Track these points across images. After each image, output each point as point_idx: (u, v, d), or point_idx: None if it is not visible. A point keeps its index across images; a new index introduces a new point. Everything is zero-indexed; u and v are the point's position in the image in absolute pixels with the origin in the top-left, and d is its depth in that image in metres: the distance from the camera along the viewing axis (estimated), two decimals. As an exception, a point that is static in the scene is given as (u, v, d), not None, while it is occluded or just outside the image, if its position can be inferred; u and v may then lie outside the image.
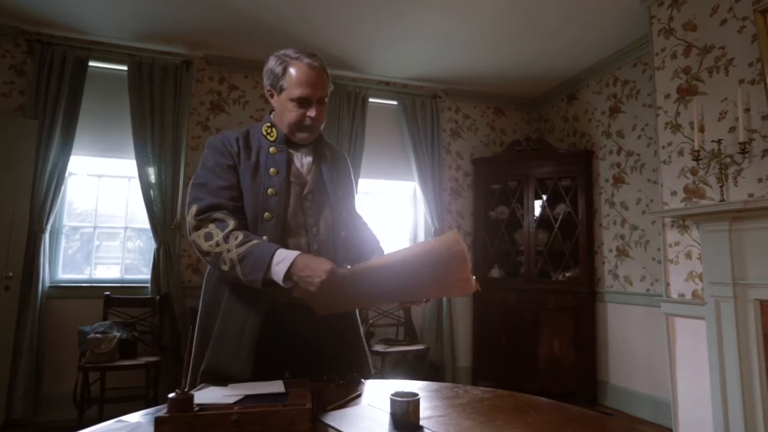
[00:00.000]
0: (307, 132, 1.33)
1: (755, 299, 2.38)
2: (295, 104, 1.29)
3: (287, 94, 1.30)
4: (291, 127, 1.32)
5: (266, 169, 1.29)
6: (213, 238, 1.17)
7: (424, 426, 0.84)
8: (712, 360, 2.54)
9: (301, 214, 1.32)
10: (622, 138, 3.85)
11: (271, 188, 1.27)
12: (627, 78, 3.83)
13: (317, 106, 1.31)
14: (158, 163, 3.67)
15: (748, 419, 2.36)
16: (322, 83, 1.31)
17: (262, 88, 4.15)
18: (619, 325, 3.80)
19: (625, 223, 3.80)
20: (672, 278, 2.91)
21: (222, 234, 1.17)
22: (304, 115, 1.29)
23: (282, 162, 1.32)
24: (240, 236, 1.16)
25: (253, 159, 1.30)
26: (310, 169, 1.37)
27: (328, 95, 1.33)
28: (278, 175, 1.29)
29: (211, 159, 1.30)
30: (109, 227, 3.87)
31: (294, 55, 1.30)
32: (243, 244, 1.14)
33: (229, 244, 1.15)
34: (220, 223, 1.19)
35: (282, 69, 1.30)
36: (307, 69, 1.28)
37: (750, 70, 2.50)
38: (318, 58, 1.31)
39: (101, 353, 2.86)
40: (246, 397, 0.98)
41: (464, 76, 4.40)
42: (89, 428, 0.89)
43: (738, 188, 2.53)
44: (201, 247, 1.19)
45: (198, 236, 1.20)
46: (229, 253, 1.14)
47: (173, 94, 3.77)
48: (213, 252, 1.17)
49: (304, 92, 1.28)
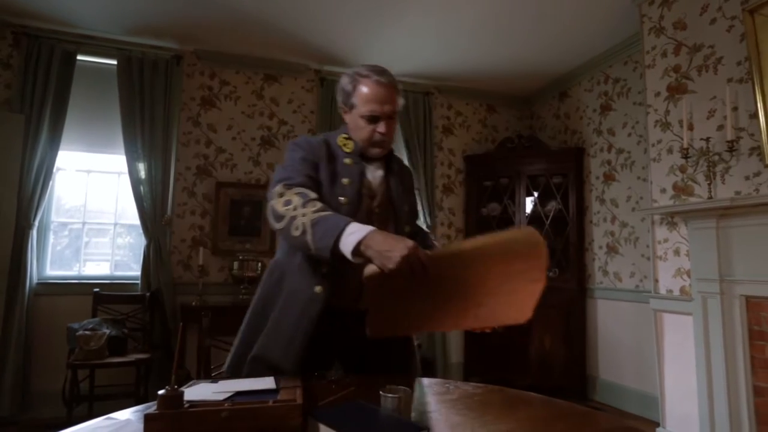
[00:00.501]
0: (378, 147, 1.38)
1: (741, 295, 2.41)
2: (365, 120, 1.33)
3: (358, 111, 1.35)
4: (364, 143, 1.37)
5: (340, 178, 1.34)
6: (291, 204, 1.19)
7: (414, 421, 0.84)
8: (698, 355, 2.58)
9: (366, 219, 1.35)
10: (613, 135, 3.88)
11: (344, 197, 1.32)
12: (618, 76, 3.86)
13: (386, 121, 1.34)
14: (148, 159, 3.63)
15: (733, 413, 2.40)
16: (391, 99, 1.34)
17: (253, 84, 4.17)
18: (608, 321, 3.84)
19: (615, 220, 3.84)
20: (660, 274, 2.95)
21: (302, 201, 1.19)
22: (374, 131, 1.34)
23: (356, 173, 1.36)
24: (318, 204, 1.18)
25: (331, 167, 1.35)
26: (381, 183, 1.42)
27: (397, 111, 1.37)
28: (351, 185, 1.34)
29: (300, 152, 1.34)
30: (98, 223, 3.83)
31: (364, 72, 1.34)
32: (319, 211, 1.15)
33: (306, 209, 1.16)
34: (302, 193, 1.21)
35: (352, 87, 1.35)
36: (375, 86, 1.32)
37: (738, 69, 2.53)
38: (387, 75, 1.35)
39: (90, 350, 2.83)
40: (236, 393, 0.98)
41: (457, 73, 4.40)
42: (78, 426, 0.88)
43: (725, 186, 2.56)
44: (277, 211, 1.20)
45: (277, 202, 1.22)
46: (303, 218, 1.14)
47: (163, 89, 3.73)
48: (288, 216, 1.17)
49: (372, 109, 1.32)
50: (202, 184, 3.93)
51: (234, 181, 4.00)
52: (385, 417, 0.88)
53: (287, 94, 4.24)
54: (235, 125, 4.06)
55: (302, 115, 4.27)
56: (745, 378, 2.38)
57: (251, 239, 3.98)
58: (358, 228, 1.09)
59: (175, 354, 0.87)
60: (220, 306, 3.58)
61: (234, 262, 3.73)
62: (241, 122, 4.08)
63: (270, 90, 4.20)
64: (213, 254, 3.87)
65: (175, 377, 0.87)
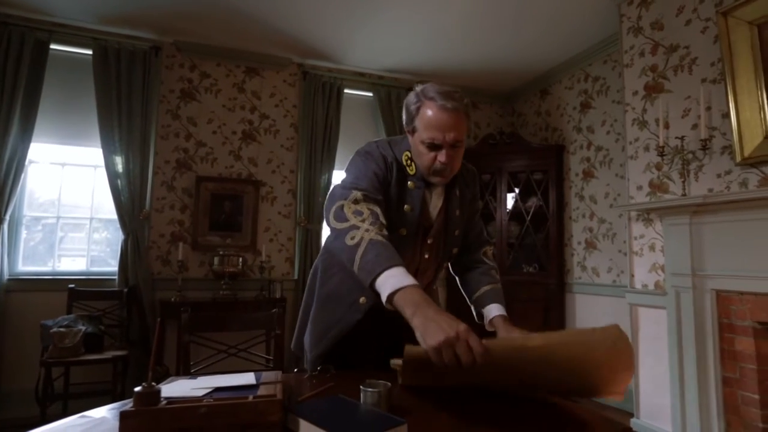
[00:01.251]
0: (439, 176, 1.28)
1: (712, 289, 2.49)
2: (426, 147, 1.23)
3: (419, 136, 1.24)
4: (424, 170, 1.28)
5: (402, 203, 1.29)
6: (362, 215, 1.13)
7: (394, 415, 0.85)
8: (671, 347, 2.66)
9: (418, 252, 1.36)
10: (592, 133, 3.95)
11: (404, 228, 1.28)
12: (597, 74, 3.93)
13: (449, 150, 1.22)
14: (126, 152, 3.55)
15: (703, 403, 2.49)
16: (456, 126, 1.21)
17: (234, 77, 4.11)
18: (586, 315, 3.92)
19: (593, 216, 3.91)
20: (636, 269, 3.02)
21: (372, 219, 1.12)
22: (434, 159, 1.24)
23: (418, 200, 1.30)
24: (385, 232, 1.11)
25: (399, 189, 1.29)
26: (440, 212, 1.36)
27: (464, 138, 1.25)
28: (412, 212, 1.29)
29: (374, 166, 1.27)
30: (73, 218, 3.73)
31: (430, 94, 1.22)
32: (382, 236, 1.08)
33: (372, 227, 1.09)
34: (375, 213, 1.15)
35: (416, 108, 1.24)
36: (439, 111, 1.19)
37: (712, 70, 2.60)
38: (454, 99, 1.20)
39: (65, 347, 2.76)
40: (216, 389, 0.97)
41: (439, 68, 4.41)
42: (50, 424, 0.86)
43: (699, 183, 2.63)
44: (345, 214, 1.14)
45: (348, 206, 1.15)
46: (366, 233, 1.07)
47: (141, 81, 3.64)
48: (352, 222, 1.11)
49: (434, 136, 1.21)
50: (181, 178, 3.86)
51: (215, 175, 3.95)
52: (364, 411, 0.88)
53: (269, 87, 4.19)
54: (216, 119, 4.00)
55: (284, 110, 4.23)
56: (714, 369, 2.47)
57: (232, 234, 3.93)
58: (403, 277, 0.99)
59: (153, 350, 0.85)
60: (201, 302, 3.53)
61: (214, 258, 3.68)
62: (221, 116, 4.02)
63: (251, 83, 4.14)
64: (193, 249, 3.81)
65: (153, 374, 0.86)
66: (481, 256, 1.50)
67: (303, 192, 4.10)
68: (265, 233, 4.06)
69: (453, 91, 1.22)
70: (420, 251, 1.36)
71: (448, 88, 1.22)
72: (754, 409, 2.27)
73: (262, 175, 4.11)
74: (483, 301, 1.38)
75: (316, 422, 0.80)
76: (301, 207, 4.10)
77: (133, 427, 0.76)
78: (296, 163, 4.19)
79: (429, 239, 1.35)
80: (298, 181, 4.14)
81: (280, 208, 4.14)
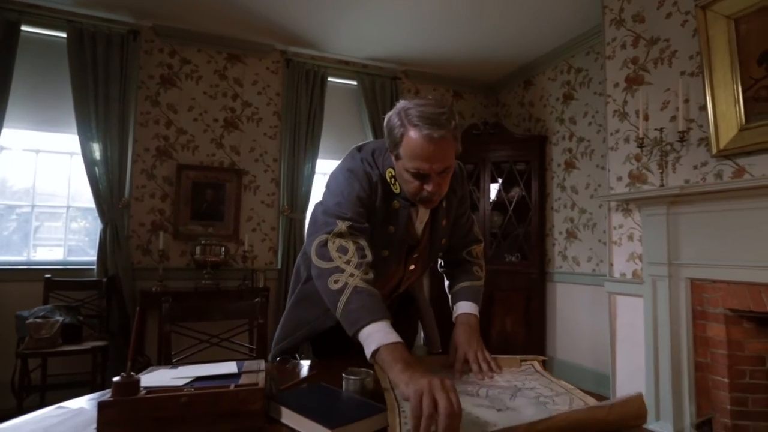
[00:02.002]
0: (425, 203, 1.21)
1: (686, 278, 2.56)
2: (411, 176, 1.14)
3: (403, 164, 1.14)
4: (410, 196, 1.20)
5: (386, 223, 1.24)
6: (347, 254, 1.08)
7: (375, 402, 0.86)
8: (647, 334, 2.73)
9: (402, 267, 1.34)
10: (574, 124, 4.00)
11: (387, 250, 1.25)
12: (580, 66, 3.96)
13: (436, 177, 1.13)
14: (103, 139, 3.46)
15: (675, 387, 2.57)
16: (443, 156, 1.10)
17: (216, 63, 4.02)
18: (566, 304, 4.00)
19: (574, 207, 3.97)
20: (615, 259, 3.08)
21: (357, 260, 1.07)
22: (421, 188, 1.14)
23: (402, 220, 1.25)
24: (370, 274, 1.07)
25: (383, 208, 1.23)
26: (425, 227, 1.31)
27: (452, 164, 1.15)
28: (395, 233, 1.25)
29: (357, 187, 1.19)
30: (49, 206, 3.63)
31: (415, 120, 1.09)
32: (367, 282, 1.04)
33: (357, 270, 1.05)
34: (361, 249, 1.11)
35: (400, 134, 1.12)
36: (425, 142, 1.07)
37: (690, 63, 2.64)
38: (440, 126, 1.07)
39: (41, 339, 2.71)
40: (196, 378, 0.97)
41: (424, 58, 4.39)
42: (26, 416, 0.85)
43: (676, 174, 2.69)
44: (328, 253, 1.09)
45: (332, 242, 1.10)
46: (351, 278, 1.04)
47: (119, 66, 3.54)
48: (336, 264, 1.07)
49: (418, 167, 1.11)
50: (162, 167, 3.79)
51: (196, 163, 3.88)
52: (346, 398, 0.89)
53: (252, 75, 4.12)
54: (197, 106, 3.92)
55: (267, 97, 4.17)
56: (687, 355, 2.55)
57: (214, 223, 3.89)
58: (384, 335, 0.96)
59: (132, 339, 0.84)
60: (182, 291, 3.49)
61: (196, 247, 3.64)
62: (203, 103, 3.94)
63: (233, 70, 4.06)
64: (174, 239, 3.76)
65: (132, 363, 0.85)
66: (464, 255, 1.47)
67: (286, 181, 4.07)
68: (247, 222, 4.02)
69: (440, 114, 1.08)
70: (405, 266, 1.35)
71: (433, 109, 1.09)
72: (723, 392, 2.36)
73: (245, 164, 4.05)
74: (456, 298, 1.38)
75: (299, 410, 0.81)
76: (284, 196, 4.07)
77: (112, 417, 0.76)
78: (279, 151, 4.14)
79: (415, 254, 1.33)
80: (282, 170, 4.10)
81: (263, 197, 4.10)
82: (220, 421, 0.80)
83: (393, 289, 1.39)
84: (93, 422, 0.78)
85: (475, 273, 1.42)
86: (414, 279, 1.45)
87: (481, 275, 1.43)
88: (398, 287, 1.40)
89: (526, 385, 1.00)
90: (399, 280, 1.37)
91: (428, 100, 1.12)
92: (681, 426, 2.55)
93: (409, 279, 1.41)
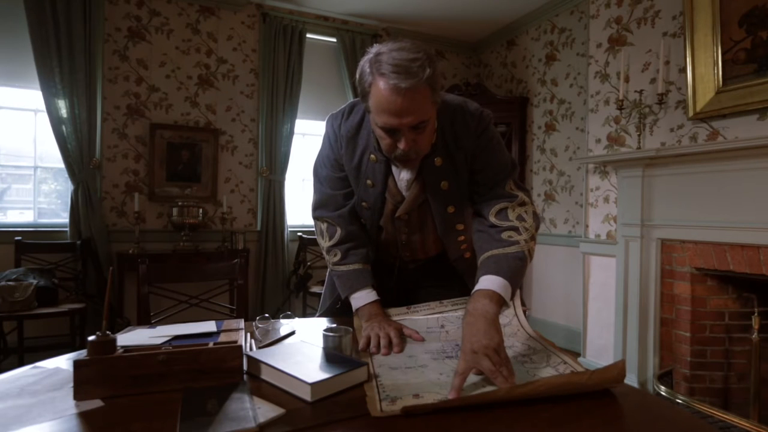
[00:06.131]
0: (401, 162, 1.08)
1: (657, 238, 2.65)
2: (381, 131, 1.02)
3: (373, 118, 1.02)
4: (386, 154, 1.08)
5: (365, 177, 1.19)
6: (323, 238, 1.29)
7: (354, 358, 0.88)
8: (618, 292, 2.85)
9: (391, 228, 1.27)
10: (556, 86, 3.97)
11: (366, 202, 1.23)
12: (564, 26, 3.89)
13: (409, 133, 0.99)
14: (69, 96, 3.30)
15: (642, 341, 2.71)
16: (414, 109, 0.95)
17: (188, 16, 3.82)
18: (542, 265, 4.11)
19: (553, 169, 4.01)
20: (591, 220, 3.16)
21: (327, 244, 1.28)
22: (393, 145, 1.02)
23: (380, 175, 1.16)
24: (339, 254, 1.25)
25: (356, 160, 1.18)
26: (410, 186, 1.17)
27: (428, 118, 1.00)
28: (374, 188, 1.18)
29: (327, 147, 1.25)
30: (15, 167, 3.48)
31: (383, 67, 0.94)
32: (340, 264, 1.25)
33: (329, 257, 1.28)
34: (330, 227, 1.28)
35: (368, 84, 0.98)
36: (391, 94, 0.94)
37: (673, 24, 2.62)
38: (410, 74, 0.92)
39: (15, 301, 2.66)
40: (175, 337, 0.97)
41: (406, 14, 4.25)
42: (1, 375, 0.84)
43: (653, 137, 2.73)
44: (317, 231, 1.33)
45: (315, 224, 1.34)
46: (331, 265, 1.29)
47: (82, 17, 3.33)
48: (321, 245, 1.31)
49: (386, 121, 0.98)
50: (134, 126, 3.65)
51: (170, 123, 3.75)
52: (326, 355, 0.90)
53: (226, 29, 3.94)
54: (169, 62, 3.75)
55: (243, 54, 4.00)
56: (654, 311, 2.67)
57: (191, 185, 3.80)
58: (358, 300, 1.21)
59: (105, 299, 0.83)
60: (161, 254, 3.45)
61: (173, 209, 3.57)
62: (175, 58, 3.77)
63: (207, 24, 3.87)
64: (150, 200, 3.68)
65: (107, 322, 0.84)
66: (492, 219, 1.14)
67: (265, 141, 3.97)
68: (225, 184, 3.95)
69: (412, 59, 0.93)
70: (394, 228, 1.25)
71: (406, 54, 0.94)
72: (685, 345, 2.50)
73: (221, 123, 3.93)
74: (479, 272, 1.07)
75: (278, 367, 0.82)
76: (263, 157, 3.99)
77: (89, 375, 0.75)
78: (257, 111, 4.03)
79: (405, 215, 1.21)
80: (260, 130, 4.00)
81: (241, 158, 4.01)
82: (198, 378, 0.80)
83: (397, 254, 1.33)
84: (69, 381, 0.78)
85: (505, 239, 1.09)
86: (435, 246, 1.30)
87: (516, 238, 1.08)
88: (409, 250, 1.30)
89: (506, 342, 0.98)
90: (402, 243, 1.28)
91: (403, 44, 0.97)
92: (645, 377, 2.71)
93: (424, 243, 1.28)
